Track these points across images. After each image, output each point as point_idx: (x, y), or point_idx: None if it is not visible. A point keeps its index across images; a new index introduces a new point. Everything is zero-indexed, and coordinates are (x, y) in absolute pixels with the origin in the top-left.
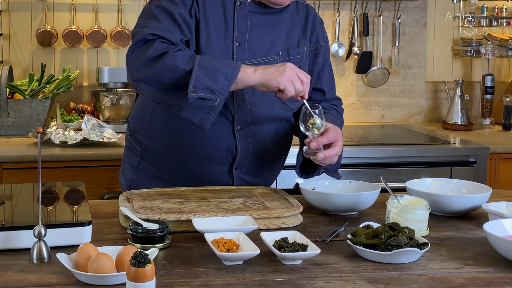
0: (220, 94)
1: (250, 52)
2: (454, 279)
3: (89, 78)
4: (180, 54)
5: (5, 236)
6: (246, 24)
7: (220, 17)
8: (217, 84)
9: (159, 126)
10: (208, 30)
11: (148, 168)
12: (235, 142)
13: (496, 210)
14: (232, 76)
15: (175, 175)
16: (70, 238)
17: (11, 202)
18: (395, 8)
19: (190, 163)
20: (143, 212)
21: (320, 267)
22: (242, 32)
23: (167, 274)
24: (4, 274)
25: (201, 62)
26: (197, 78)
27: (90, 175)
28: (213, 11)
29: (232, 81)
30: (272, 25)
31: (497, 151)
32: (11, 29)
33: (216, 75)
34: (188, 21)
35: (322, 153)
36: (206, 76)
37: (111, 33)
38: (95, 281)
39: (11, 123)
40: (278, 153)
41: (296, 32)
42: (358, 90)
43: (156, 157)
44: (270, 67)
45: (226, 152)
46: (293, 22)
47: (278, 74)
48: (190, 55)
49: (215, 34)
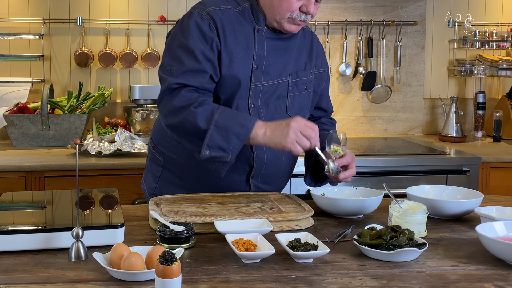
0: (231, 152)
1: (266, 74)
2: (449, 275)
3: (121, 95)
4: (201, 111)
5: (46, 237)
6: (264, 48)
7: (242, 43)
8: (229, 144)
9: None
10: (230, 57)
11: (170, 177)
12: (252, 154)
13: (487, 213)
14: (244, 137)
15: (196, 183)
16: (105, 239)
17: (52, 207)
18: (397, 32)
19: (210, 173)
20: (170, 215)
21: (329, 264)
22: (260, 56)
23: (192, 271)
24: (46, 271)
25: (217, 122)
26: (212, 138)
27: (122, 182)
28: (233, 39)
29: (244, 141)
30: (284, 50)
31: (488, 160)
32: (52, 51)
33: (229, 136)
34: (209, 56)
35: (343, 174)
36: (220, 136)
37: (142, 55)
38: (127, 278)
39: (52, 136)
40: (288, 164)
41: (303, 56)
42: (363, 106)
43: (178, 167)
44: (278, 128)
45: (245, 163)
46: (301, 47)
47: (283, 138)
48: (210, 111)
49: (237, 59)
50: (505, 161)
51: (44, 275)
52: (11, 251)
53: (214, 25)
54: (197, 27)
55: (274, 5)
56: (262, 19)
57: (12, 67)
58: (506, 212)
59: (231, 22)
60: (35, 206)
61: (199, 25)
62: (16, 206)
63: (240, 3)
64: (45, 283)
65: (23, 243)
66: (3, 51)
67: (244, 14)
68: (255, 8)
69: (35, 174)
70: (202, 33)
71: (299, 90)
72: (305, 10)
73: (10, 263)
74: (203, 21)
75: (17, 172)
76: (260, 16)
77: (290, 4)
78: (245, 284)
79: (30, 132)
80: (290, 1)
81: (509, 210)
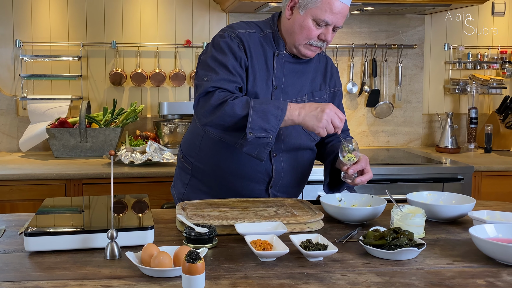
0: (272, 132)
1: (285, 94)
2: (445, 272)
3: (151, 111)
4: (237, 102)
5: (84, 238)
6: (282, 71)
7: (263, 66)
8: (269, 124)
9: (207, 151)
10: (254, 76)
11: (197, 184)
12: (271, 166)
13: (479, 217)
14: (281, 116)
15: (220, 191)
16: (136, 240)
17: (89, 211)
18: (398, 55)
19: (234, 182)
20: (195, 218)
21: (338, 263)
22: (279, 78)
23: (215, 268)
24: (84, 268)
25: (254, 107)
26: (253, 120)
27: (152, 189)
28: (257, 61)
29: (281, 121)
30: (301, 72)
31: (480, 169)
32: (89, 72)
33: (267, 117)
34: (239, 71)
35: (359, 179)
36: (260, 118)
37: (170, 75)
38: (156, 274)
39: (89, 147)
40: (303, 174)
41: (318, 78)
42: (368, 121)
43: (205, 176)
44: (313, 110)
45: (264, 174)
46: (316, 70)
47: (316, 121)
48: (245, 100)
49: (259, 79)
50: (495, 170)
51: (82, 272)
52: (52, 251)
53: (242, 46)
54: (228, 46)
55: (295, 31)
56: (282, 44)
57: (54, 86)
58: (496, 215)
59: (255, 45)
60: (74, 210)
61: (230, 44)
62: (57, 210)
63: (263, 29)
64: (83, 279)
65: (63, 243)
66: (46, 71)
67: (266, 39)
68: (276, 35)
69: (74, 181)
70: (233, 51)
71: None
72: (323, 38)
73: (52, 262)
74: (232, 42)
75: (58, 180)
76: (280, 42)
77: (310, 31)
78: (262, 280)
79: (70, 144)
80: (310, 29)
81: (499, 214)
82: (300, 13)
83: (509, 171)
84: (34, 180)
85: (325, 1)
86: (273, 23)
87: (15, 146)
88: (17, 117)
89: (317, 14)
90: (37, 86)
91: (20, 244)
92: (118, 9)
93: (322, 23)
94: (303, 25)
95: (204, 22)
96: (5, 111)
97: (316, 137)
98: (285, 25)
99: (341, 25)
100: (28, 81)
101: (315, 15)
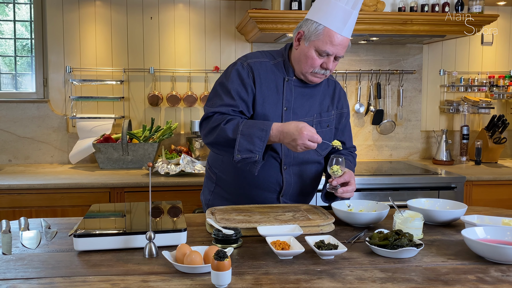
0: (258, 152)
1: (294, 114)
2: (440, 269)
3: (184, 128)
4: (229, 126)
5: (125, 239)
6: (292, 94)
7: (273, 90)
8: (254, 146)
9: (229, 164)
10: (263, 99)
11: (221, 192)
12: (281, 177)
13: (470, 221)
14: (265, 137)
15: (239, 198)
16: (172, 240)
17: (130, 215)
18: (399, 79)
19: (250, 190)
20: (222, 222)
21: (347, 260)
22: (288, 100)
23: (239, 265)
24: (125, 265)
25: (242, 131)
26: (240, 144)
27: (185, 196)
28: (267, 86)
29: (265, 142)
30: (310, 95)
31: (471, 179)
32: (130, 94)
33: (253, 140)
34: (243, 97)
35: (341, 189)
36: (246, 141)
37: (200, 96)
38: (189, 271)
39: (130, 160)
40: (312, 186)
41: (326, 101)
42: (373, 137)
43: (227, 185)
44: (289, 140)
45: (275, 184)
46: (325, 93)
47: (293, 148)
48: (236, 124)
49: (269, 102)
50: (484, 179)
51: (124, 268)
52: (98, 250)
53: (252, 74)
54: (237, 74)
55: (301, 61)
56: (291, 71)
57: (99, 106)
58: (485, 219)
59: (266, 72)
60: (117, 214)
61: (240, 72)
62: (102, 214)
63: (276, 57)
64: (125, 275)
65: (108, 243)
66: (92, 93)
67: (278, 66)
68: (287, 63)
69: (117, 189)
70: (241, 78)
71: (322, 127)
72: (325, 67)
73: (97, 259)
74: (243, 70)
75: (103, 188)
76: (290, 69)
77: (314, 61)
78: (281, 275)
79: (113, 157)
80: (313, 59)
81: (487, 218)
82: (305, 44)
83: (497, 180)
84: (82, 189)
85: (326, 35)
86: (285, 52)
87: (66, 159)
88: (67, 133)
89: (319, 46)
90: (85, 107)
91: (70, 244)
92: (155, 39)
93: (323, 53)
94: (308, 55)
95: (231, 50)
96: (57, 128)
97: (323, 152)
98: (294, 54)
99: (342, 54)
100: (77, 102)
101: (317, 47)
